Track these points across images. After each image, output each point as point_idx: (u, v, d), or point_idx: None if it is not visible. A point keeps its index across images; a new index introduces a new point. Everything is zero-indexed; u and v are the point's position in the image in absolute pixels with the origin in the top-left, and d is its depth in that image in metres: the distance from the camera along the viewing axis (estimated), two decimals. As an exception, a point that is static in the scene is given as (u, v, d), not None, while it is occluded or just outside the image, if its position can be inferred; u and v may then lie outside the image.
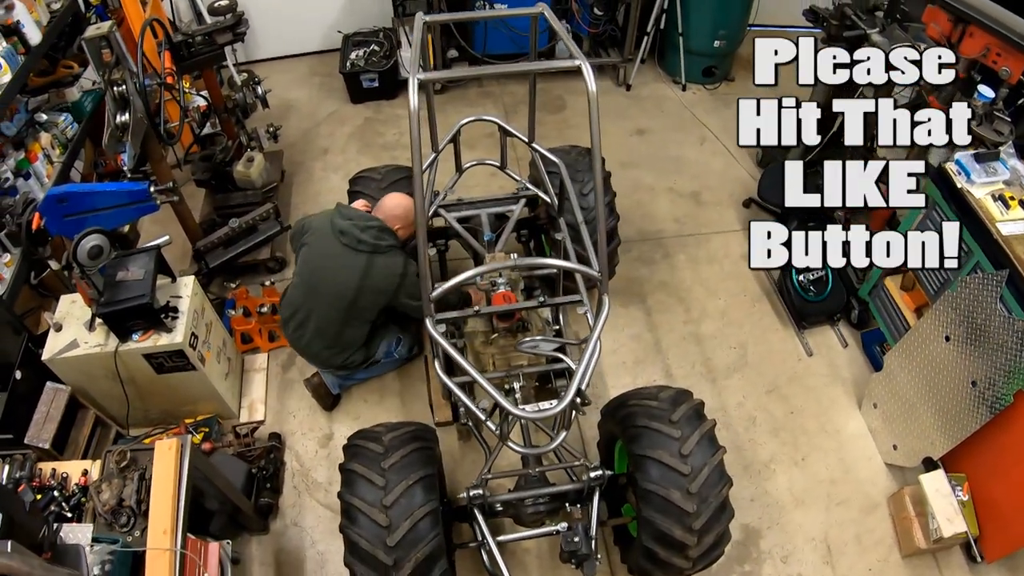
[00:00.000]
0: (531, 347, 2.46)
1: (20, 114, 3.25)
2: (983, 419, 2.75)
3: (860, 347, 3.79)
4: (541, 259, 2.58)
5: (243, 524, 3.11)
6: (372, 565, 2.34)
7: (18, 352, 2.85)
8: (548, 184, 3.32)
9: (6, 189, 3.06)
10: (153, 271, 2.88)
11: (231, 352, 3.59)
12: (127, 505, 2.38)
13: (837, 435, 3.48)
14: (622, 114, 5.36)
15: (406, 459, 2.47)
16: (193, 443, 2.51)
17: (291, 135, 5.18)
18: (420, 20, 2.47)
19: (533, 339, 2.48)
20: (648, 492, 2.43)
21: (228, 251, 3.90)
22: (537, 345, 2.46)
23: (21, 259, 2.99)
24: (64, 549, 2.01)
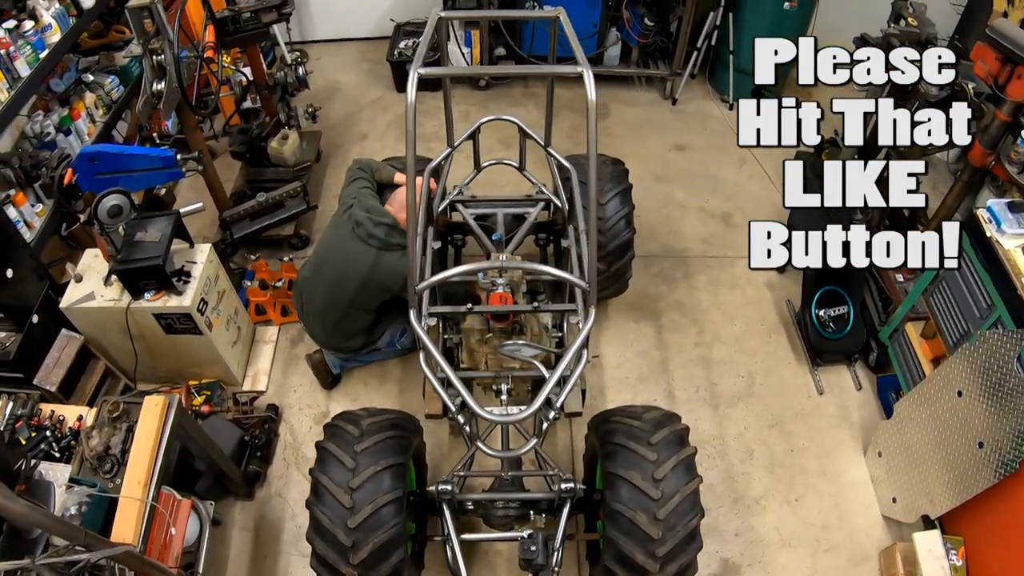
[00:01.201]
0: (512, 351, 2.45)
1: (70, 72, 3.43)
2: (987, 483, 2.60)
3: (875, 391, 3.63)
4: (529, 263, 2.56)
5: (229, 488, 3.21)
6: (331, 544, 2.38)
7: (38, 297, 3.00)
8: (561, 190, 3.30)
9: (47, 143, 3.23)
10: (170, 235, 2.99)
11: (242, 322, 3.69)
12: (112, 453, 2.49)
13: (837, 479, 3.35)
14: (664, 127, 5.27)
15: (379, 445, 2.50)
16: (181, 403, 2.61)
17: (334, 117, 5.30)
18: (435, 15, 2.49)
19: (516, 343, 2.47)
20: (615, 512, 2.39)
21: (253, 223, 4.02)
22: (519, 349, 2.44)
23: (52, 211, 3.15)
24: (37, 484, 2.11)
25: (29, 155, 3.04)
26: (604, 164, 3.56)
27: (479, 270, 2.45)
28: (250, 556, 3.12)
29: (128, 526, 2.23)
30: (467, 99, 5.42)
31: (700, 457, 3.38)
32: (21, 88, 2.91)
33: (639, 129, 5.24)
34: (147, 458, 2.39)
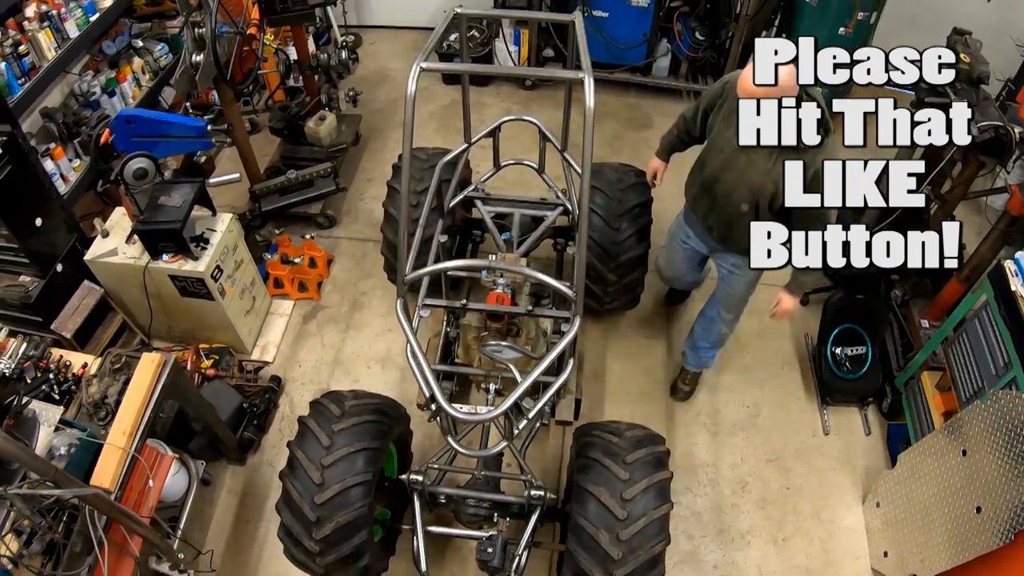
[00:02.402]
0: (494, 351, 2.45)
1: (123, 37, 3.60)
2: (980, 550, 2.46)
3: (884, 439, 3.48)
4: (514, 265, 2.54)
5: (222, 451, 3.31)
6: (298, 516, 2.44)
7: (65, 248, 3.16)
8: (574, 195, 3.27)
9: (91, 102, 3.40)
10: (191, 201, 3.11)
11: (258, 292, 3.80)
12: (108, 402, 2.61)
13: (829, 524, 3.22)
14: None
15: (357, 428, 2.54)
16: (177, 363, 2.71)
17: (379, 102, 5.38)
18: (452, 12, 2.50)
19: (500, 344, 2.46)
20: (578, 526, 2.36)
21: (282, 199, 4.12)
22: (501, 351, 2.44)
23: (89, 167, 3.32)
24: (24, 420, 2.22)
25: (73, 112, 3.20)
26: (627, 174, 3.51)
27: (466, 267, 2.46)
28: (233, 518, 3.22)
29: (108, 472, 2.32)
30: (511, 97, 5.43)
31: (690, 483, 3.36)
32: (68, 48, 3.07)
33: (680, 143, 5.13)
34: (136, 410, 2.48)
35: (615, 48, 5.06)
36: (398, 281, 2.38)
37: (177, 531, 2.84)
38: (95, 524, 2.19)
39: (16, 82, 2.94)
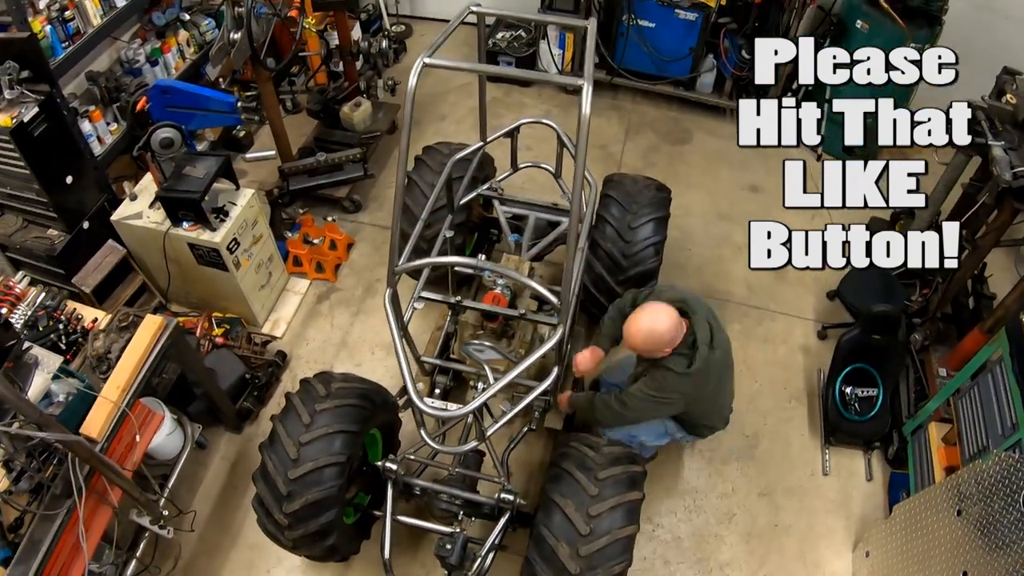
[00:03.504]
0: (475, 350, 2.45)
1: (173, 9, 3.73)
2: (961, 615, 2.34)
3: (885, 487, 3.34)
4: (504, 268, 2.53)
5: (221, 419, 3.42)
6: (271, 488, 2.50)
7: (94, 207, 3.31)
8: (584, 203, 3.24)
9: (134, 69, 3.54)
10: (214, 174, 3.20)
11: (276, 268, 3.89)
12: (110, 357, 2.72)
13: (815, 568, 3.12)
14: (743, 166, 5.03)
15: (339, 410, 2.58)
16: (179, 327, 2.80)
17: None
18: (466, 10, 2.51)
19: (482, 343, 2.46)
20: (540, 536, 2.35)
21: (310, 180, 4.21)
22: (483, 351, 2.44)
23: (125, 131, 3.46)
24: (22, 365, 2.34)
25: (116, 77, 3.34)
26: (647, 188, 3.46)
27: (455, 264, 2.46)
28: (222, 483, 3.31)
29: (97, 423, 2.43)
30: (552, 100, 5.42)
31: (675, 507, 3.30)
32: (114, 16, 3.21)
33: (716, 162, 5.04)
34: (132, 368, 2.59)
35: (659, 60, 4.99)
36: (388, 272, 2.41)
37: (165, 489, 2.94)
38: (76, 471, 2.29)
39: (60, 45, 3.09)
